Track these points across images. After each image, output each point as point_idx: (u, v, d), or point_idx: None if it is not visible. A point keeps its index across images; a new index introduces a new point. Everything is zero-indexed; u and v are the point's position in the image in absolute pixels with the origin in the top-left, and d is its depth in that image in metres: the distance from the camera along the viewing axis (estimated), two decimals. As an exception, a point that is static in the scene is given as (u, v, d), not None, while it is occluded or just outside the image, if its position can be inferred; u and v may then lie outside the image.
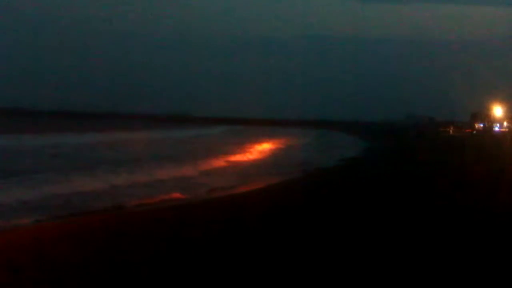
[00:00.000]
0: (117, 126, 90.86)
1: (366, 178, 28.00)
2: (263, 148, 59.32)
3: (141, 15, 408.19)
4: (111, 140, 59.43)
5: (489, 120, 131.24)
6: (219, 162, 38.66)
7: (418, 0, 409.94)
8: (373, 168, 35.74)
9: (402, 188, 23.53)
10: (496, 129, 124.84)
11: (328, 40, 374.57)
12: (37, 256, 11.83)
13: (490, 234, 13.77)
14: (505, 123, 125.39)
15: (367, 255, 11.61)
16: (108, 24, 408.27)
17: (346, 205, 18.52)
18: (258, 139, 75.64)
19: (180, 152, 47.96)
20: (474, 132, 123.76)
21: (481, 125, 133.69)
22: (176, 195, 22.71)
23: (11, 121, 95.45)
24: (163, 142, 62.62)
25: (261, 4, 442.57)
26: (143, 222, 16.26)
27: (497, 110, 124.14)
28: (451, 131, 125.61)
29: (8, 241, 13.55)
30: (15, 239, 13.85)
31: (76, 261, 11.31)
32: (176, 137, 76.81)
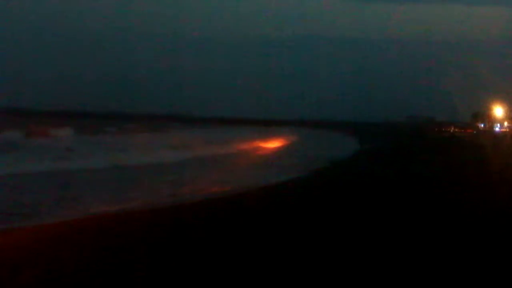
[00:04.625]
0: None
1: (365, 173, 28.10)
2: None
3: (140, 14, 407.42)
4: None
5: (489, 120, 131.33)
6: None
7: (417, 0, 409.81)
8: (369, 166, 35.79)
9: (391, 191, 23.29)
10: (497, 129, 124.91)
11: (328, 40, 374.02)
12: (36, 256, 11.89)
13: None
14: (505, 123, 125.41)
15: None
16: (106, 22, 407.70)
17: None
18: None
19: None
20: (475, 132, 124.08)
21: (482, 125, 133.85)
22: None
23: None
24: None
25: (261, 4, 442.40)
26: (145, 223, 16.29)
27: (498, 111, 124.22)
28: (451, 131, 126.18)
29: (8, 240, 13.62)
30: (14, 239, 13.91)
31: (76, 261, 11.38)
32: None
